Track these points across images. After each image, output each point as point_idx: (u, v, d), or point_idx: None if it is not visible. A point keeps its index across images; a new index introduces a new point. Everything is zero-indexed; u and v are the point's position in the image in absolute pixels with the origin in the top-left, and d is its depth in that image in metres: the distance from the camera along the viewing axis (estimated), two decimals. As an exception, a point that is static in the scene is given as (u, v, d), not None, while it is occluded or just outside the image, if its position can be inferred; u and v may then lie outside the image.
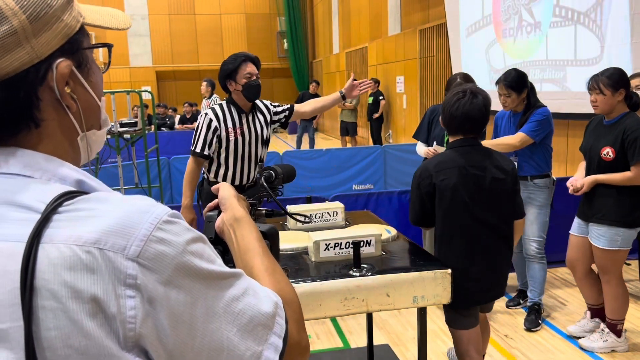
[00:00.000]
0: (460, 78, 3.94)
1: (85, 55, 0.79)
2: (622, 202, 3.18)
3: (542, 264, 3.80)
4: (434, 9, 9.16)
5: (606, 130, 3.25)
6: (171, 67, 19.34)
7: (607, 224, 3.21)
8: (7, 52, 0.68)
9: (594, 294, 3.48)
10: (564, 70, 5.73)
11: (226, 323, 0.69)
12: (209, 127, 3.27)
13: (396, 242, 2.47)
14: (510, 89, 3.67)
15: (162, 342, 0.65)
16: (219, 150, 3.33)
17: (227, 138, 3.29)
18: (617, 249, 3.21)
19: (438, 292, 2.12)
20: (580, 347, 3.41)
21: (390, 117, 11.68)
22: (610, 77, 3.15)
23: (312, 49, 19.99)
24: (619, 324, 3.34)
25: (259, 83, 3.27)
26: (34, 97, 0.71)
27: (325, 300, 2.00)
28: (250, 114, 3.38)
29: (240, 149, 3.33)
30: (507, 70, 3.79)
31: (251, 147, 3.36)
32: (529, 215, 3.79)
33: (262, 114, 3.47)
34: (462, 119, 2.39)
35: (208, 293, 0.69)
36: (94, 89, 0.80)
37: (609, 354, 3.32)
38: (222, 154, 3.34)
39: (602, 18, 5.03)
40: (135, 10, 18.88)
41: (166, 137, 11.52)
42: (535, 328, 3.72)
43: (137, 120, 6.05)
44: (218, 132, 3.28)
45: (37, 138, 0.73)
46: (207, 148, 3.28)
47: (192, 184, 3.40)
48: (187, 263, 0.67)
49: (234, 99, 3.33)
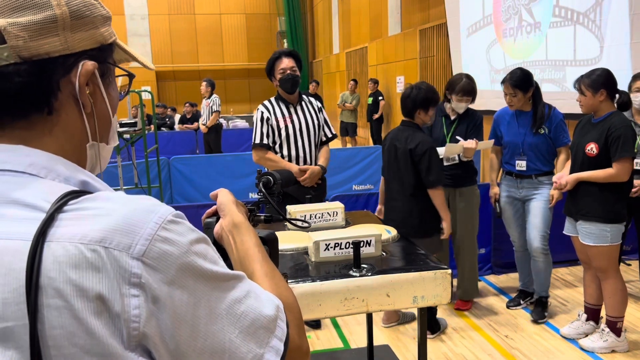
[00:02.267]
0: (465, 78, 3.93)
1: (110, 68, 0.84)
2: (605, 199, 3.25)
3: (547, 259, 3.83)
4: (434, 9, 9.16)
5: (592, 128, 3.32)
6: (171, 67, 19.33)
7: (594, 221, 3.26)
8: (44, 36, 0.73)
9: (598, 294, 3.48)
10: (563, 71, 5.73)
11: (229, 325, 0.70)
12: (262, 119, 3.61)
13: (396, 242, 2.47)
14: (516, 89, 3.69)
15: (165, 342, 0.65)
16: (274, 139, 3.63)
17: (278, 127, 3.60)
18: (608, 245, 3.25)
19: (438, 292, 2.11)
20: (581, 347, 3.42)
21: (391, 117, 11.68)
22: (590, 78, 3.24)
23: (312, 49, 19.98)
24: (618, 322, 3.35)
25: (291, 77, 3.57)
26: (55, 84, 0.74)
27: (325, 300, 2.00)
28: (299, 105, 3.69)
29: (292, 136, 3.61)
30: (513, 69, 3.81)
31: (302, 133, 3.64)
32: (533, 210, 3.80)
33: (310, 105, 3.75)
34: (402, 105, 3.51)
35: (211, 294, 0.69)
36: (110, 101, 0.84)
37: (610, 354, 3.32)
38: (277, 142, 3.63)
39: (601, 18, 5.03)
40: (135, 10, 18.87)
41: (166, 137, 11.52)
42: (541, 320, 3.82)
43: (137, 120, 6.05)
44: (270, 122, 3.60)
45: (46, 127, 0.75)
46: (266, 138, 3.61)
47: (278, 162, 3.58)
48: (191, 263, 0.67)
49: (279, 93, 3.68)
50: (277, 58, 3.58)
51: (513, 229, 3.98)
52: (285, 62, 3.56)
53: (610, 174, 3.22)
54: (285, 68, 3.56)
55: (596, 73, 3.27)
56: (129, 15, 18.83)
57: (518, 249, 4.01)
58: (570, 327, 3.59)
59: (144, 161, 6.07)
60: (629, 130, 3.20)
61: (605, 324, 3.38)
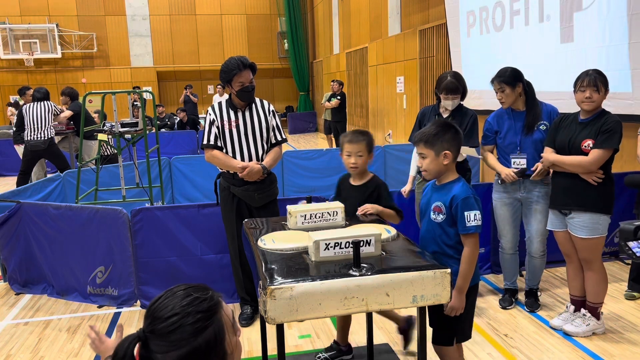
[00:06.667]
0: (450, 77, 4.00)
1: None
2: (603, 190, 3.36)
3: (544, 258, 3.97)
4: (434, 9, 9.17)
5: (585, 127, 3.40)
6: (172, 67, 19.34)
7: (591, 212, 3.36)
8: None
9: (582, 286, 3.61)
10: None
11: None
12: (209, 122, 3.80)
13: (396, 242, 2.48)
14: (502, 84, 3.76)
15: None
16: (222, 141, 3.79)
17: (223, 130, 3.78)
18: (599, 236, 3.40)
19: (438, 292, 2.13)
20: (565, 333, 3.59)
21: (391, 117, 11.69)
22: (603, 75, 3.37)
23: (313, 49, 19.99)
24: (598, 307, 3.55)
25: (250, 89, 3.72)
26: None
27: (325, 299, 2.02)
28: (247, 109, 3.82)
29: (236, 139, 3.78)
30: (502, 67, 3.86)
31: (248, 136, 3.79)
32: (535, 213, 3.82)
33: (262, 108, 3.87)
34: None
35: None
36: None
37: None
38: (224, 144, 3.79)
39: (600, 18, 5.04)
40: (136, 10, 18.88)
41: (167, 138, 11.54)
42: (537, 310, 3.96)
43: (138, 121, 6.07)
44: (217, 124, 3.78)
45: None
46: (213, 139, 3.78)
47: (223, 159, 3.77)
48: None
49: (231, 98, 3.85)
50: (236, 72, 3.65)
51: (507, 230, 3.99)
52: (245, 76, 3.67)
53: (580, 161, 3.33)
54: (244, 82, 3.67)
55: (599, 72, 3.38)
56: (130, 15, 18.85)
57: (508, 250, 4.04)
58: (559, 319, 3.71)
59: (145, 161, 6.08)
60: (620, 126, 3.31)
61: (587, 310, 3.57)
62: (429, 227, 2.60)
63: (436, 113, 4.14)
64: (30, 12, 18.13)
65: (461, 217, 2.45)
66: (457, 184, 2.54)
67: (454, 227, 2.51)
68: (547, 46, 5.90)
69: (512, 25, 6.60)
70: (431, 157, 2.54)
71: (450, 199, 2.50)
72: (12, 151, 9.51)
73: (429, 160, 2.54)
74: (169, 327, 1.19)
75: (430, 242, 2.58)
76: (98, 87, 18.36)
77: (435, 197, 2.58)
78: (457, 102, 4.03)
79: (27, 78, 18.33)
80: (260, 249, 2.40)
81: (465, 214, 2.44)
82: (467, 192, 2.49)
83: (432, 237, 2.57)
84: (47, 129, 7.87)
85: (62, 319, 4.22)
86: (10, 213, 4.65)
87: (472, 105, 6.13)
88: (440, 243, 2.54)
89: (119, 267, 4.33)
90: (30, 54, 17.86)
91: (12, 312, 4.39)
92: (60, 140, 8.65)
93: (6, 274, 4.90)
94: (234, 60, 3.69)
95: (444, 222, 2.52)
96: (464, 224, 2.45)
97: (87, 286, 4.47)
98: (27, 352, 3.70)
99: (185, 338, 1.18)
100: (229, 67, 3.68)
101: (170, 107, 17.94)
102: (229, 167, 3.76)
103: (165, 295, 1.25)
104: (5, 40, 17.78)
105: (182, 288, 1.26)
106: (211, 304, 1.24)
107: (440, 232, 2.54)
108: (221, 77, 3.75)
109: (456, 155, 2.57)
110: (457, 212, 2.47)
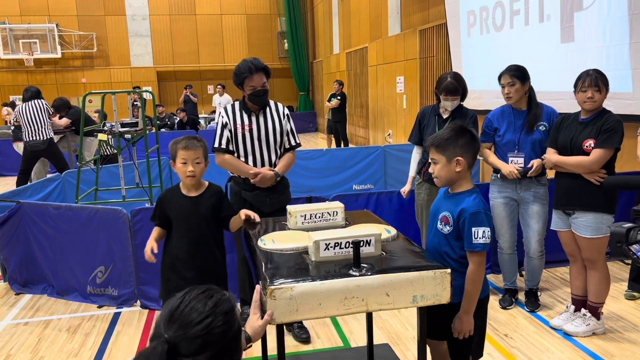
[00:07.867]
0: (450, 77, 4.00)
1: None
2: (604, 190, 3.35)
3: (542, 259, 3.96)
4: (434, 8, 9.17)
5: (585, 126, 3.40)
6: (172, 67, 19.34)
7: (594, 211, 3.36)
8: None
9: (584, 286, 3.60)
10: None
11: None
12: (222, 125, 3.65)
13: (396, 242, 2.48)
14: (515, 78, 3.76)
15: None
16: (234, 144, 3.64)
17: (235, 134, 3.62)
18: (603, 236, 3.38)
19: (438, 292, 2.12)
20: (565, 333, 3.58)
21: (391, 117, 11.69)
22: (603, 75, 3.38)
23: (313, 49, 19.99)
24: (599, 307, 3.54)
25: (262, 93, 3.57)
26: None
27: (325, 299, 2.01)
28: (261, 113, 3.67)
29: (249, 144, 3.63)
30: (509, 64, 3.88)
31: (261, 141, 3.64)
32: (533, 214, 3.82)
33: (276, 112, 3.72)
34: None
35: None
36: None
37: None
38: (236, 148, 3.64)
39: (601, 18, 5.04)
40: (136, 10, 18.88)
41: (167, 138, 11.54)
42: (537, 310, 3.96)
43: (138, 121, 6.06)
44: (229, 128, 3.63)
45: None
46: (225, 143, 3.64)
47: (234, 164, 3.63)
48: None
49: (244, 100, 3.67)
50: (247, 75, 3.51)
51: (505, 231, 3.98)
52: (256, 80, 3.52)
53: (582, 161, 3.33)
54: (255, 85, 3.53)
55: (599, 72, 3.38)
56: (130, 15, 18.85)
57: (506, 250, 4.03)
58: (559, 319, 3.70)
59: (145, 161, 6.08)
60: (620, 125, 3.31)
61: (587, 309, 3.56)
62: (434, 236, 2.44)
63: (436, 113, 4.14)
64: (30, 12, 18.13)
65: (468, 233, 2.27)
66: (470, 196, 2.32)
67: (459, 241, 2.32)
68: (547, 46, 5.90)
69: (512, 25, 6.60)
70: (442, 163, 2.34)
71: (458, 211, 2.30)
72: (12, 151, 9.51)
73: (440, 166, 2.35)
74: (202, 330, 1.27)
75: (434, 252, 2.42)
76: (98, 87, 18.35)
77: (445, 207, 2.38)
78: (456, 102, 4.04)
79: (27, 78, 18.33)
80: (261, 249, 2.40)
81: (473, 230, 2.25)
82: (477, 206, 2.28)
83: (436, 247, 2.42)
84: (44, 129, 7.83)
85: (62, 319, 4.21)
86: (10, 213, 4.65)
87: (472, 105, 6.13)
88: (443, 254, 2.38)
89: (119, 267, 4.33)
90: (30, 54, 17.86)
91: (12, 312, 4.39)
92: (59, 140, 8.64)
93: (6, 274, 4.90)
94: (246, 62, 3.56)
95: (450, 234, 2.34)
96: (470, 241, 2.26)
97: (87, 286, 4.47)
98: (27, 352, 3.70)
99: (218, 339, 1.28)
100: (240, 70, 3.55)
101: (170, 107, 17.92)
102: (241, 173, 3.62)
103: (185, 300, 1.32)
104: (5, 40, 17.78)
105: (201, 291, 1.34)
106: (231, 304, 1.35)
107: (444, 243, 2.37)
108: (233, 80, 3.63)
109: (471, 162, 2.35)
110: (464, 226, 2.28)
